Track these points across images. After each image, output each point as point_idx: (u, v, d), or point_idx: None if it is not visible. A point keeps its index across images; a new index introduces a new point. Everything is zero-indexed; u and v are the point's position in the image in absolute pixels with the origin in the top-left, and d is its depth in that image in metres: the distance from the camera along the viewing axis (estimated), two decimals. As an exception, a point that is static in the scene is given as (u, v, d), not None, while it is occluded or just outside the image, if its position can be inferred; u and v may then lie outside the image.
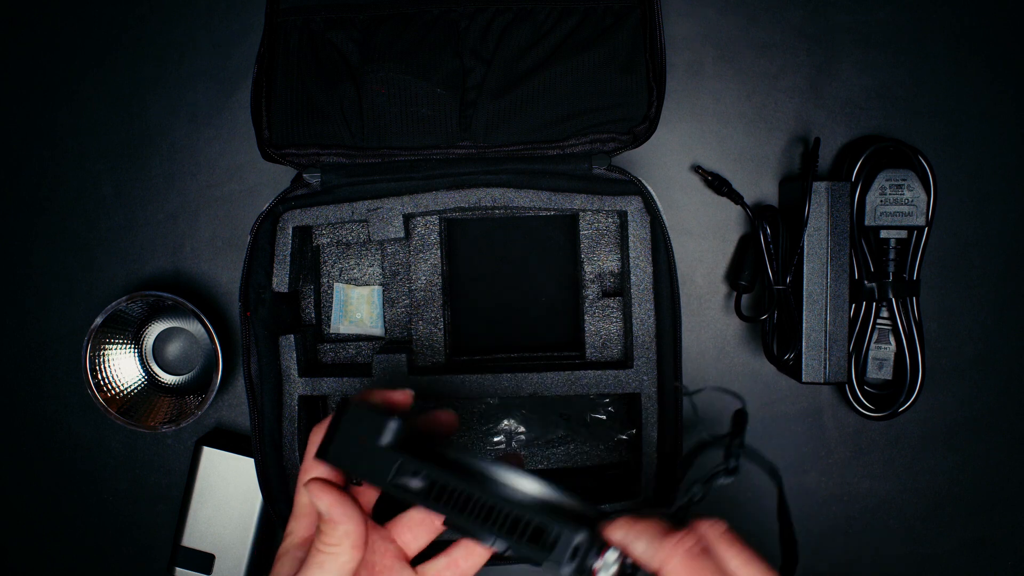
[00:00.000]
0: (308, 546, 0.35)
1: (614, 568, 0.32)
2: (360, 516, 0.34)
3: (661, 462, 0.55)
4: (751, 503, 0.62)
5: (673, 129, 0.61)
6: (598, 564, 0.32)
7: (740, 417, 0.34)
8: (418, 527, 0.38)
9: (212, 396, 0.57)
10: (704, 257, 0.61)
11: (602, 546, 0.32)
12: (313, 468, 0.36)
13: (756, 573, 0.31)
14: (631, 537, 0.32)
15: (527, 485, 0.33)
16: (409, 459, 0.33)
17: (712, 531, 0.32)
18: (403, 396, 0.38)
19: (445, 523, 0.34)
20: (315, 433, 0.36)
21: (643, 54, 0.54)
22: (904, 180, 0.57)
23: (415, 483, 0.33)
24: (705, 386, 0.38)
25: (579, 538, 0.31)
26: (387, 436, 0.34)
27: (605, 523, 0.33)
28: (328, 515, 0.33)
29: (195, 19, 0.61)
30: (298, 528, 0.36)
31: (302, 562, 0.35)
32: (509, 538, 0.32)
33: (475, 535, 0.33)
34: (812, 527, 0.62)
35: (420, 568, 0.38)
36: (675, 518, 0.33)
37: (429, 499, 0.33)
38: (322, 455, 0.34)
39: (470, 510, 0.32)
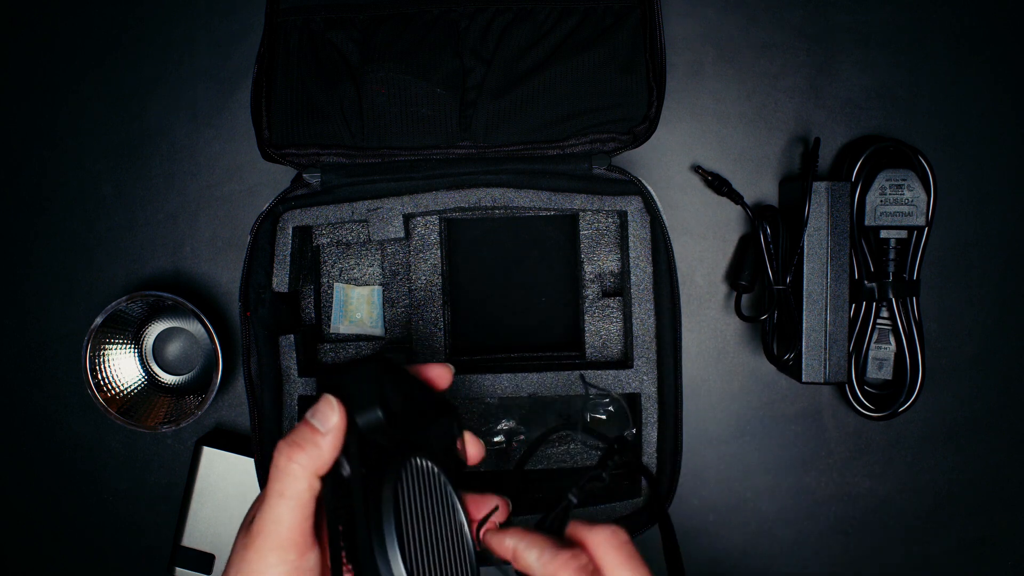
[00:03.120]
0: None
1: None
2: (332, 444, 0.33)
3: (661, 462, 0.55)
4: (745, 503, 0.62)
5: (673, 129, 0.61)
6: None
7: (620, 442, 0.34)
8: None
9: (212, 396, 0.57)
10: (704, 257, 0.61)
11: None
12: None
13: None
14: (523, 547, 0.32)
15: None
16: (355, 450, 0.32)
17: (611, 540, 0.32)
18: (442, 370, 0.38)
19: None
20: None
21: (643, 54, 0.54)
22: (904, 180, 0.57)
23: (344, 470, 0.33)
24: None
25: None
26: (365, 418, 0.33)
27: (496, 531, 0.32)
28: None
29: (195, 19, 0.61)
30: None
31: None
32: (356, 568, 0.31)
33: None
34: (812, 527, 0.62)
35: None
36: (551, 526, 0.33)
37: (333, 494, 0.32)
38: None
39: (346, 532, 0.32)
